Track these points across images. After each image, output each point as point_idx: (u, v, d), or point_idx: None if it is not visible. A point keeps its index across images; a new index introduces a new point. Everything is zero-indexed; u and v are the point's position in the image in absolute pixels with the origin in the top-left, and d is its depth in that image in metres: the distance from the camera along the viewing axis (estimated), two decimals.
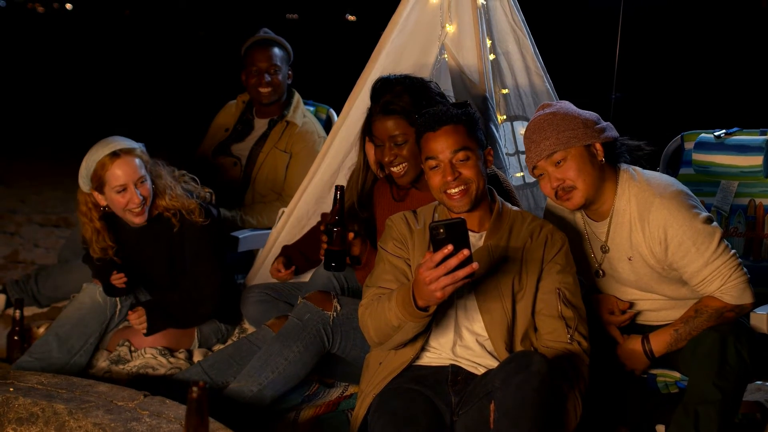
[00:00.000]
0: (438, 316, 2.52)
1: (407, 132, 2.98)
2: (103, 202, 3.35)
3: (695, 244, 2.65)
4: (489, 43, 3.55)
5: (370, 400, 2.59)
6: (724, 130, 3.44)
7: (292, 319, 3.02)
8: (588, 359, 2.57)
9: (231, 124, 4.39)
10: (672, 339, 2.73)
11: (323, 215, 3.54)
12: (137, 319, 3.38)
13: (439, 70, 3.56)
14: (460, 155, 2.57)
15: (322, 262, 3.11)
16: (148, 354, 3.41)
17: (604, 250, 2.83)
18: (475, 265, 2.25)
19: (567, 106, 2.77)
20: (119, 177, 3.26)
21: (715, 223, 2.70)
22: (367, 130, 3.13)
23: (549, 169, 2.69)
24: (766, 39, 13.99)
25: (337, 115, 4.07)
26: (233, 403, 2.91)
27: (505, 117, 3.63)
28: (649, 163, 2.86)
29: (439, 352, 2.62)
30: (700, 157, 3.44)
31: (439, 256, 2.24)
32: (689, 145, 3.52)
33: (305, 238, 3.60)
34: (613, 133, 2.75)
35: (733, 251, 2.68)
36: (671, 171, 3.55)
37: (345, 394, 3.19)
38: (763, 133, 3.42)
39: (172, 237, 3.42)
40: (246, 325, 3.67)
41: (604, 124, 2.76)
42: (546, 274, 2.60)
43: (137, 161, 3.31)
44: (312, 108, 4.51)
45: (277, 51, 4.27)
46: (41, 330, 3.66)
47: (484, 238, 2.63)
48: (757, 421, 2.88)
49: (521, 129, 3.60)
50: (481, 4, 3.51)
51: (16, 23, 25.39)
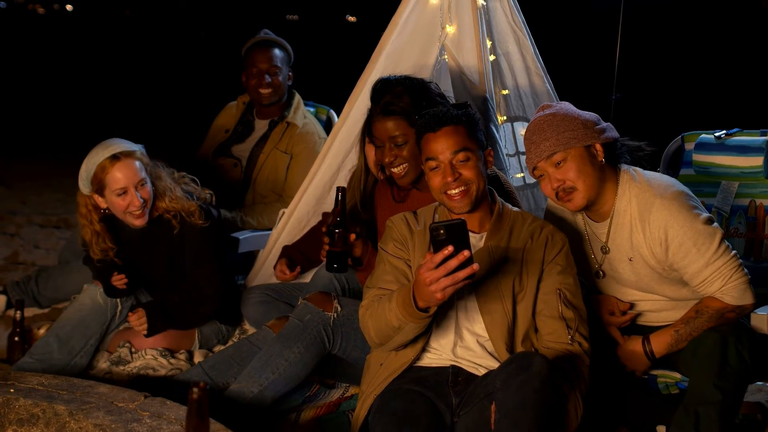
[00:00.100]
0: (438, 317, 2.52)
1: (407, 133, 2.97)
2: (103, 205, 3.35)
3: (696, 245, 2.64)
4: (489, 43, 3.55)
5: (371, 401, 2.59)
6: (724, 131, 3.43)
7: (292, 320, 3.02)
8: (589, 360, 2.57)
9: (231, 125, 4.39)
10: (673, 340, 2.73)
11: (324, 214, 3.54)
12: (138, 320, 3.38)
13: (439, 71, 3.56)
14: (461, 156, 2.56)
15: (324, 263, 3.12)
16: (148, 355, 3.41)
17: (605, 250, 2.82)
18: (475, 266, 2.25)
19: (567, 106, 2.77)
20: (119, 180, 3.26)
21: (715, 223, 2.69)
22: (367, 131, 3.13)
23: (549, 170, 2.69)
24: (766, 39, 13.97)
25: (338, 116, 4.07)
26: (234, 404, 2.91)
27: (505, 118, 3.63)
28: (649, 163, 2.86)
29: (439, 353, 2.62)
30: (700, 157, 3.43)
31: (439, 257, 2.24)
32: (690, 145, 3.52)
33: (305, 238, 3.61)
34: (613, 133, 2.75)
35: (733, 252, 2.68)
36: (672, 172, 3.55)
37: (346, 395, 3.19)
38: (763, 134, 3.42)
39: (172, 239, 3.41)
40: (246, 326, 3.67)
41: (605, 124, 2.76)
42: (546, 274, 2.60)
43: (137, 164, 3.31)
44: (312, 109, 4.51)
45: (277, 52, 4.27)
46: (42, 331, 3.66)
47: (484, 239, 2.63)
48: (758, 422, 2.88)
49: (521, 130, 3.59)
50: (481, 4, 3.51)
51: (16, 24, 25.38)
